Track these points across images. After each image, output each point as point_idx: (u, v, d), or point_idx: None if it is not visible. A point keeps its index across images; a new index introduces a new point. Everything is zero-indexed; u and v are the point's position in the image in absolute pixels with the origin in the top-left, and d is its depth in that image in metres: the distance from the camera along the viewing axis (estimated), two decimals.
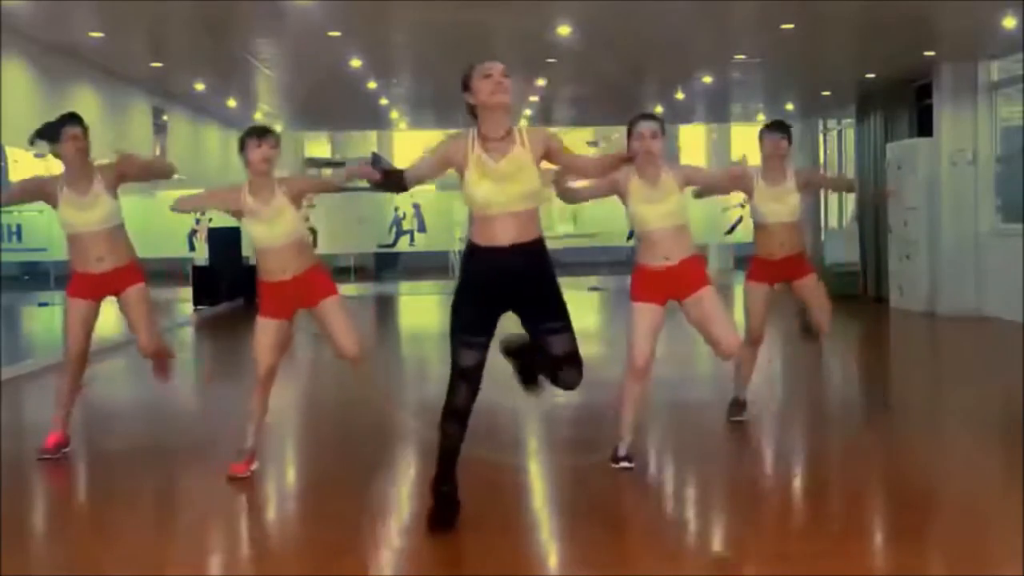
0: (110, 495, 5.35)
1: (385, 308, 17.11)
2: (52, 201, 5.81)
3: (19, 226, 18.23)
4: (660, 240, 5.39)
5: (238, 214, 5.40)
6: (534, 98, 15.08)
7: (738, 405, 6.54)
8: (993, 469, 5.58)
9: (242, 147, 5.35)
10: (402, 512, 5.01)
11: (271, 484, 5.56)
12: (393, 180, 4.62)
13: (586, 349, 4.69)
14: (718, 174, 6.28)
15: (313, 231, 17.00)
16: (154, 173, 6.30)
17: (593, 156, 4.86)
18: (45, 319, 15.27)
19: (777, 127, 6.48)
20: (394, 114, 17.23)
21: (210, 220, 16.73)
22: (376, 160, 4.77)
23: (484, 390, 4.46)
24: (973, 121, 12.48)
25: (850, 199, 16.80)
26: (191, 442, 6.41)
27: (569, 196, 5.54)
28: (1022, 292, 10.92)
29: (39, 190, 5.91)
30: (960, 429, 6.53)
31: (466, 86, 4.51)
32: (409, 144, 24.26)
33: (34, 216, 19.89)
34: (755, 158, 6.64)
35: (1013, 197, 12.13)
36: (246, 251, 16.31)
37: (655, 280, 5.40)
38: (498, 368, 4.66)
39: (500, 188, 4.37)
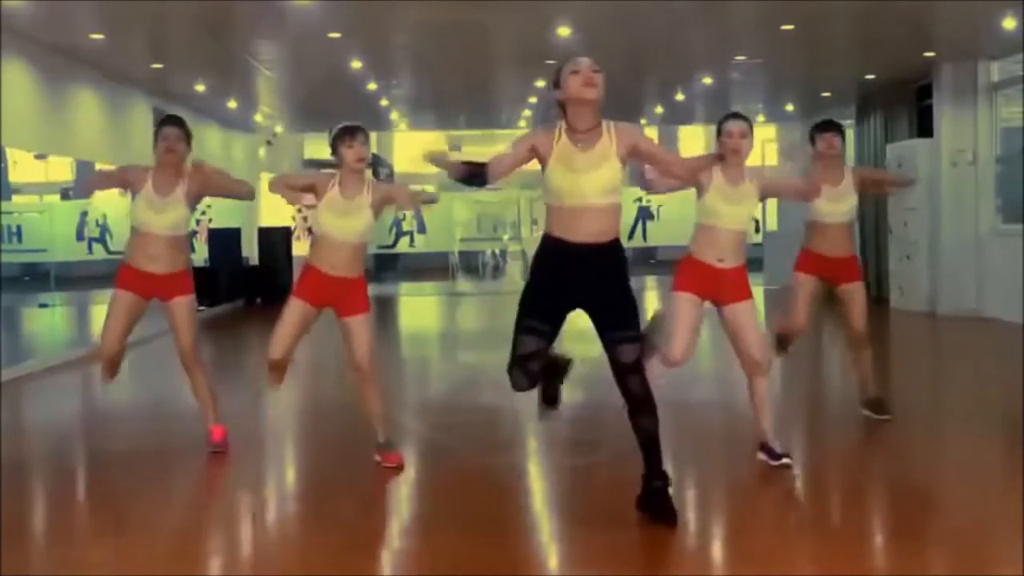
0: (110, 496, 5.36)
1: (385, 309, 17.11)
2: (134, 188, 5.79)
3: (19, 227, 18.25)
4: (724, 240, 5.35)
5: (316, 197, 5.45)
6: (533, 99, 15.08)
7: (876, 402, 6.54)
8: (993, 469, 5.58)
9: (334, 148, 5.44)
10: (402, 513, 5.01)
11: (271, 484, 5.57)
12: (476, 173, 4.52)
13: (589, 348, 4.69)
14: (795, 186, 6.07)
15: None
16: (234, 193, 6.23)
17: (684, 156, 4.83)
18: (45, 320, 15.28)
19: (828, 126, 6.44)
20: (394, 115, 17.23)
21: (210, 221, 16.74)
22: (376, 161, 4.76)
23: (483, 390, 4.45)
24: (973, 122, 12.48)
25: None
26: (191, 443, 6.40)
27: (650, 186, 5.50)
28: (1022, 293, 10.92)
29: (123, 177, 5.90)
30: (960, 430, 6.53)
31: (556, 83, 4.53)
32: (409, 145, 24.27)
33: (34, 217, 19.92)
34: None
35: (1013, 198, 12.13)
36: (246, 252, 16.34)
37: (704, 276, 5.34)
38: (497, 368, 4.66)
39: (580, 178, 4.35)
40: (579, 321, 4.60)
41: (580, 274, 4.41)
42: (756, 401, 5.56)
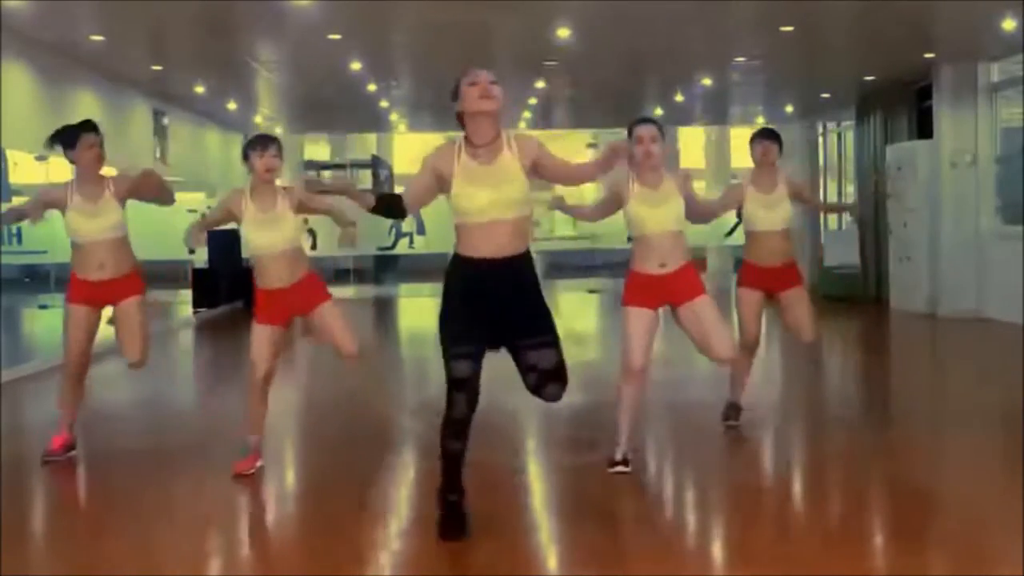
0: (110, 497, 5.36)
1: (385, 311, 17.12)
2: (61, 207, 5.81)
3: (19, 229, 18.25)
4: (658, 245, 5.37)
5: (238, 220, 5.46)
6: (533, 100, 15.09)
7: (734, 409, 6.47)
8: (993, 471, 5.58)
9: (246, 156, 5.42)
10: (401, 514, 5.01)
11: (271, 486, 5.56)
12: (390, 205, 4.49)
13: (585, 351, 4.70)
14: (713, 207, 6.17)
15: (312, 233, 17.02)
16: (164, 199, 6.24)
17: (579, 163, 4.67)
18: (46, 321, 15.27)
19: (767, 134, 6.45)
20: (394, 117, 17.25)
21: None
22: (376, 163, 4.75)
23: (482, 391, 4.44)
24: (973, 123, 12.49)
25: (850, 201, 16.79)
26: (191, 444, 6.41)
27: (580, 219, 5.55)
28: (1023, 294, 10.92)
29: (50, 198, 5.88)
30: (960, 431, 6.52)
31: (455, 95, 4.44)
32: (409, 147, 24.27)
33: None
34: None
35: (1013, 199, 12.14)
36: (245, 253, 16.35)
37: (650, 285, 5.37)
38: (497, 367, 4.66)
39: (487, 194, 4.27)
40: (576, 324, 4.60)
41: (494, 290, 4.31)
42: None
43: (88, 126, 5.87)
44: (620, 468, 5.37)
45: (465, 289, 4.37)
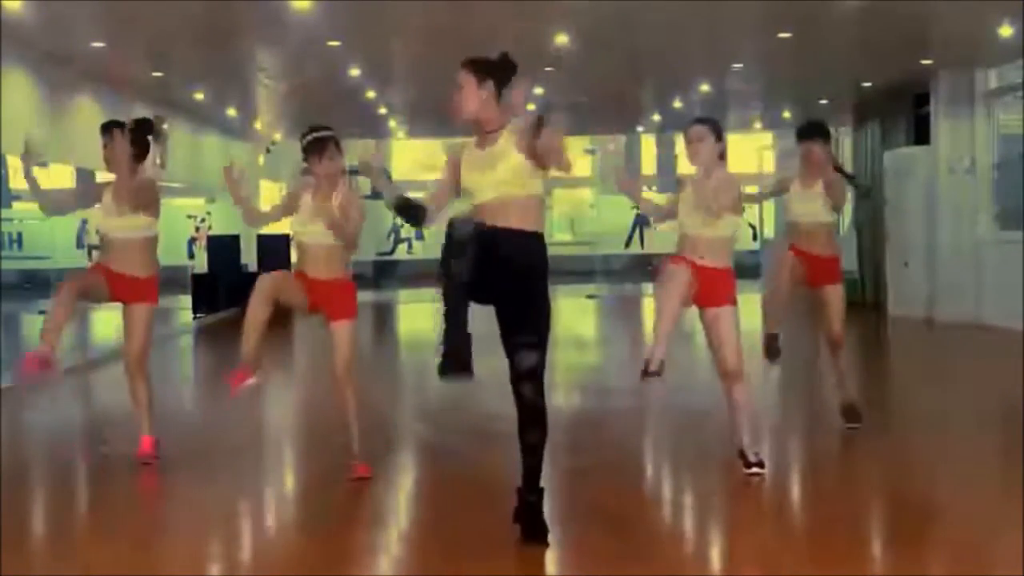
0: (107, 501, 5.38)
1: (384, 316, 17.13)
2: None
3: (20, 234, 18.29)
4: (697, 245, 5.40)
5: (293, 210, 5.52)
6: (532, 106, 15.13)
7: (853, 411, 6.48)
8: (993, 475, 5.59)
9: (306, 155, 5.46)
10: (400, 517, 5.03)
11: (270, 489, 5.59)
12: (411, 212, 4.58)
13: (584, 356, 4.71)
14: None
15: None
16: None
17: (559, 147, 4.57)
18: None
19: (809, 131, 6.47)
20: (393, 123, 17.28)
21: (209, 228, 16.78)
22: (379, 166, 4.78)
23: (482, 393, 4.45)
24: (971, 129, 12.52)
25: (848, 207, 16.82)
26: (189, 448, 6.43)
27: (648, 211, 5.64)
28: (1021, 299, 10.94)
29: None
30: (959, 435, 6.55)
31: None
32: (407, 153, 24.29)
33: (35, 224, 19.94)
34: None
35: (1011, 204, 12.17)
36: (245, 258, 16.36)
37: (690, 266, 5.32)
38: (497, 373, 4.68)
39: (482, 175, 4.39)
40: (576, 328, 4.62)
41: (493, 258, 4.21)
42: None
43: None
44: (756, 470, 5.35)
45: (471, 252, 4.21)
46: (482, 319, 4.33)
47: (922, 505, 5.01)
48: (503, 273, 4.28)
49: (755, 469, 5.36)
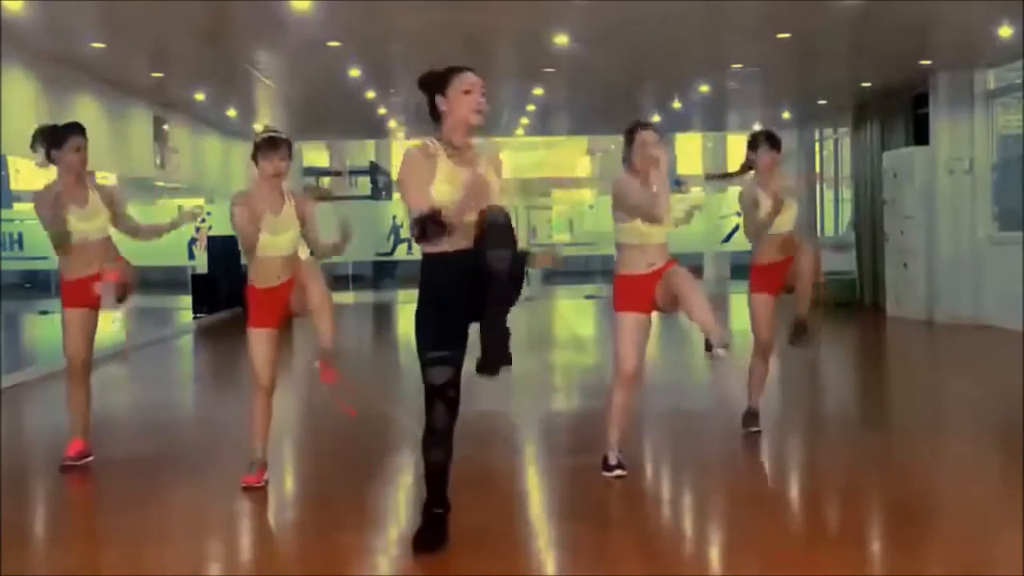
0: (109, 501, 5.39)
1: (383, 316, 17.14)
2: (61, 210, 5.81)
3: (20, 234, 18.28)
4: (652, 249, 5.47)
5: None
6: (532, 107, 15.13)
7: (752, 416, 6.44)
8: (993, 476, 5.60)
9: (255, 157, 5.42)
10: (400, 518, 5.04)
11: (270, 491, 5.59)
12: (434, 227, 4.19)
13: (582, 356, 4.72)
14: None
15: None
16: (118, 222, 6.13)
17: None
18: (46, 327, 15.29)
19: (771, 141, 6.44)
20: (392, 123, 17.28)
21: (209, 228, 16.77)
22: (374, 169, 4.78)
23: (481, 394, 4.47)
24: (970, 129, 12.53)
25: (847, 208, 16.85)
26: (190, 449, 6.44)
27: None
28: (1021, 300, 10.96)
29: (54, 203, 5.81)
30: (959, 436, 6.56)
31: (442, 90, 4.38)
32: None
33: (36, 225, 19.91)
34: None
35: (1010, 205, 12.18)
36: (245, 259, 16.36)
37: (641, 286, 5.39)
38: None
39: (458, 192, 4.19)
40: (576, 328, 4.63)
41: (475, 279, 4.19)
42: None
43: (76, 128, 5.92)
44: (617, 472, 5.39)
45: (441, 286, 4.32)
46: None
47: (922, 505, 5.02)
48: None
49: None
